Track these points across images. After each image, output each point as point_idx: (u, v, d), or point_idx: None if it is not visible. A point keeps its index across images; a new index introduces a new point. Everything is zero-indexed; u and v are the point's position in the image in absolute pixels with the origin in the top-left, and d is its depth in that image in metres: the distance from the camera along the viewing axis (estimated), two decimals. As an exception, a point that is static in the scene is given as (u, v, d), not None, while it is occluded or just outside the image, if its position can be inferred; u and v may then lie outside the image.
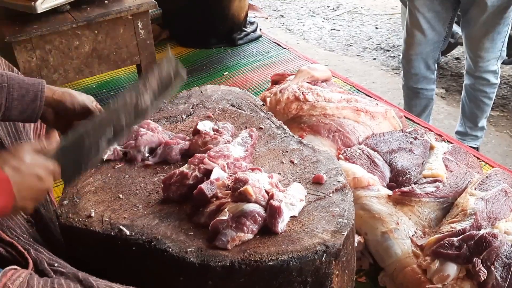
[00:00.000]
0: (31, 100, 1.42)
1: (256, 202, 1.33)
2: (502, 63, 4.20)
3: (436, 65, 3.28)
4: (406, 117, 2.62)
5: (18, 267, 1.14)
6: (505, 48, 3.08)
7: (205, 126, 1.68)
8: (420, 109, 3.36)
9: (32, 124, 1.64)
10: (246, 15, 3.76)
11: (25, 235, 1.36)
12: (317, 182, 1.48)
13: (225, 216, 1.29)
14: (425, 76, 3.24)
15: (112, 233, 1.35)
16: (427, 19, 3.07)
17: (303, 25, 5.72)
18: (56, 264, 1.26)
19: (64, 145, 1.28)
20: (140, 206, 1.44)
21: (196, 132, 1.67)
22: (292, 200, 1.36)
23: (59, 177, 1.26)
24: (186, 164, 1.48)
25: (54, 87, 1.49)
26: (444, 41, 3.20)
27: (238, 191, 1.33)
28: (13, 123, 1.51)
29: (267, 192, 1.35)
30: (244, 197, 1.32)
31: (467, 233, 1.66)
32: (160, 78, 1.50)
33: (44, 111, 1.45)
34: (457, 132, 3.32)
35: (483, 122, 3.27)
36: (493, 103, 3.68)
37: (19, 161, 1.14)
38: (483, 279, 1.58)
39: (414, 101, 3.40)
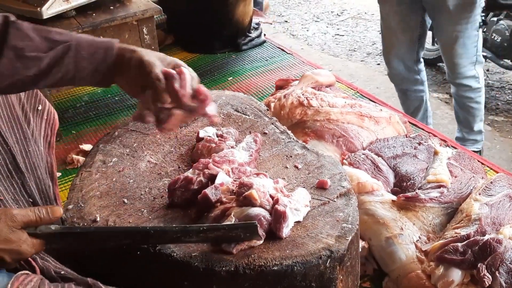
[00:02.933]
0: (101, 59, 1.28)
1: (261, 206, 1.33)
2: (506, 68, 4.21)
3: (419, 66, 3.30)
4: (410, 123, 2.62)
5: (29, 272, 1.15)
6: (480, 53, 3.08)
7: (207, 132, 1.69)
8: (414, 109, 3.40)
9: (42, 131, 1.64)
10: (251, 20, 3.78)
11: None
12: (321, 187, 1.49)
13: (230, 221, 1.29)
14: (407, 78, 3.29)
15: (117, 238, 1.35)
16: (396, 22, 3.16)
17: (307, 30, 5.73)
18: (62, 272, 1.26)
19: (61, 233, 1.22)
20: (145, 211, 1.44)
21: (199, 139, 1.67)
22: (297, 205, 1.36)
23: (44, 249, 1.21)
24: (191, 169, 1.49)
25: (127, 46, 1.32)
26: (419, 43, 3.22)
27: (243, 196, 1.34)
28: (22, 131, 1.51)
29: (272, 197, 1.36)
30: (249, 202, 1.33)
31: (472, 239, 1.66)
32: (223, 235, 1.27)
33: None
34: (457, 138, 3.33)
35: (479, 126, 3.26)
36: (497, 108, 3.68)
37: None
38: (487, 284, 1.58)
39: (406, 102, 3.46)
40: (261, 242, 1.30)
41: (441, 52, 3.17)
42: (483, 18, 4.06)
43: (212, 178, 1.44)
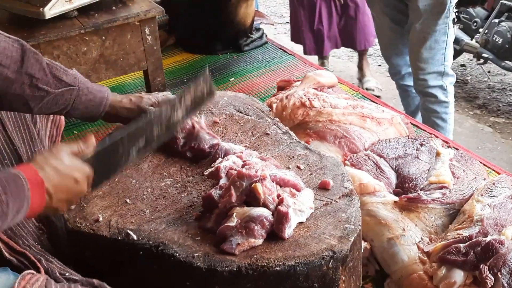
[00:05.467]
0: (96, 105, 1.52)
1: (264, 205, 1.33)
2: (508, 69, 4.21)
3: None
4: (412, 124, 2.62)
5: (35, 272, 1.15)
6: (448, 64, 3.04)
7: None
8: (415, 107, 3.40)
9: (48, 131, 1.66)
10: (252, 21, 3.78)
11: (36, 244, 1.37)
12: (323, 187, 1.49)
13: (233, 222, 1.29)
14: (409, 72, 3.28)
15: (119, 238, 1.36)
16: (386, 21, 3.22)
17: (309, 31, 5.73)
18: (67, 274, 1.26)
19: (100, 150, 1.30)
20: (147, 211, 1.45)
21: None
22: (302, 206, 1.36)
23: (91, 182, 1.27)
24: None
25: (121, 98, 1.60)
26: None
27: (249, 186, 1.34)
28: (28, 131, 1.53)
29: (278, 196, 1.35)
30: (253, 196, 1.32)
31: (474, 240, 1.66)
32: (194, 96, 1.56)
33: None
34: None
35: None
36: (499, 109, 3.67)
37: (58, 161, 1.16)
38: (489, 285, 1.57)
39: (407, 100, 3.46)
40: (261, 242, 1.30)
41: (409, 54, 3.17)
42: (456, 14, 4.08)
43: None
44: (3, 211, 1.02)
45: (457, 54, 4.45)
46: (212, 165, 1.50)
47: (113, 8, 2.68)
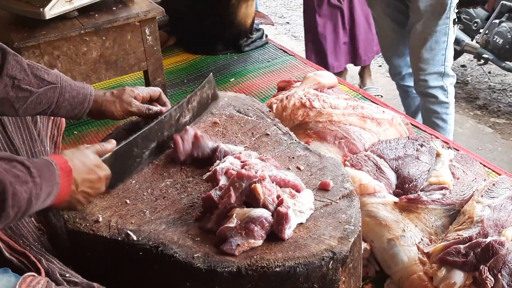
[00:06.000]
0: (80, 102, 1.55)
1: (264, 206, 1.33)
2: (508, 70, 4.21)
3: None
4: (412, 124, 2.62)
5: (35, 274, 1.16)
6: (449, 64, 3.05)
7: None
8: (415, 108, 3.40)
9: (49, 132, 1.67)
10: (253, 22, 3.78)
11: (37, 244, 1.37)
12: (323, 188, 1.49)
13: (232, 223, 1.29)
14: (410, 73, 3.29)
15: (119, 238, 1.35)
16: (388, 23, 3.23)
17: (309, 32, 5.72)
18: (67, 275, 1.26)
19: (117, 151, 1.37)
20: (147, 211, 1.45)
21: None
22: (301, 207, 1.36)
23: (107, 182, 1.35)
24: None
25: (104, 92, 1.63)
26: None
27: (249, 187, 1.34)
28: (28, 132, 1.54)
29: (278, 197, 1.35)
30: (253, 197, 1.32)
31: (474, 241, 1.66)
32: (200, 99, 1.70)
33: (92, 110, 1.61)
34: None
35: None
36: (499, 110, 3.67)
37: (85, 156, 1.26)
38: (490, 286, 1.57)
39: (407, 100, 3.46)
40: (261, 243, 1.29)
41: (409, 55, 3.18)
42: (458, 15, 4.07)
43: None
44: (37, 193, 1.09)
45: (457, 54, 4.45)
46: (211, 168, 1.50)
47: (114, 8, 2.68)
